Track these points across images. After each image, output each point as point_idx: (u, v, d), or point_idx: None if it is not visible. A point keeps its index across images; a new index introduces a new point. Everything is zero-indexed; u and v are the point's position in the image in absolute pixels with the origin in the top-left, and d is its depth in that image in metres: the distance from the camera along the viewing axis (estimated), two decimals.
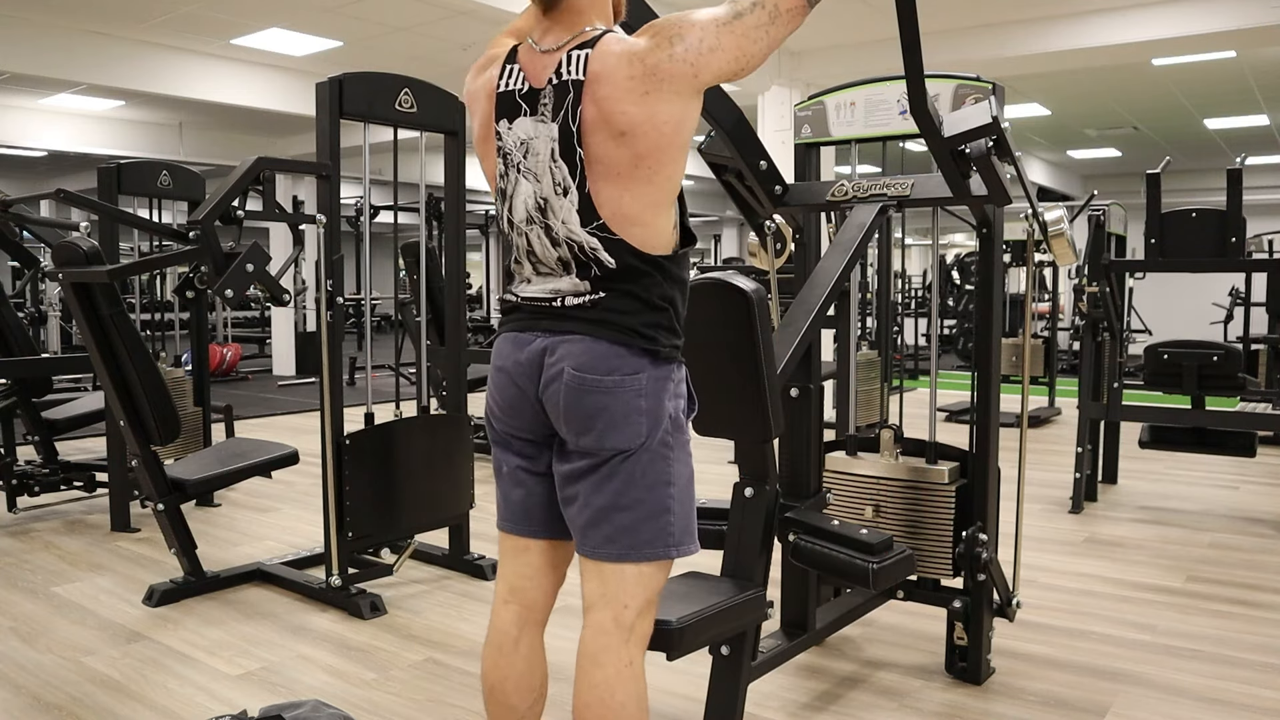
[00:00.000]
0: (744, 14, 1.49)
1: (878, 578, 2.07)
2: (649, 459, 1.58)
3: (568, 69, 1.52)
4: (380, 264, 20.96)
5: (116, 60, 7.64)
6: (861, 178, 2.51)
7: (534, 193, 1.58)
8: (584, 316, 1.57)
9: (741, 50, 1.49)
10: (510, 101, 1.59)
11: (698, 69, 1.48)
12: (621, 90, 1.48)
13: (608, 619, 1.62)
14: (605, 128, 1.50)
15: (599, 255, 1.55)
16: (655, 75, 1.47)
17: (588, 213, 1.54)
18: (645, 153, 1.50)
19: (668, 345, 1.60)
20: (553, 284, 1.60)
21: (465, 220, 3.62)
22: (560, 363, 1.57)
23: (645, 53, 1.48)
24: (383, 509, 3.21)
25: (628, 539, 1.59)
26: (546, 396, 1.60)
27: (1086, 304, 4.49)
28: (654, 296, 1.57)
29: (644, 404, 1.56)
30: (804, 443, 2.46)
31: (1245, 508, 4.64)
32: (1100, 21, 6.81)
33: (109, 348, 3.28)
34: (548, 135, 1.55)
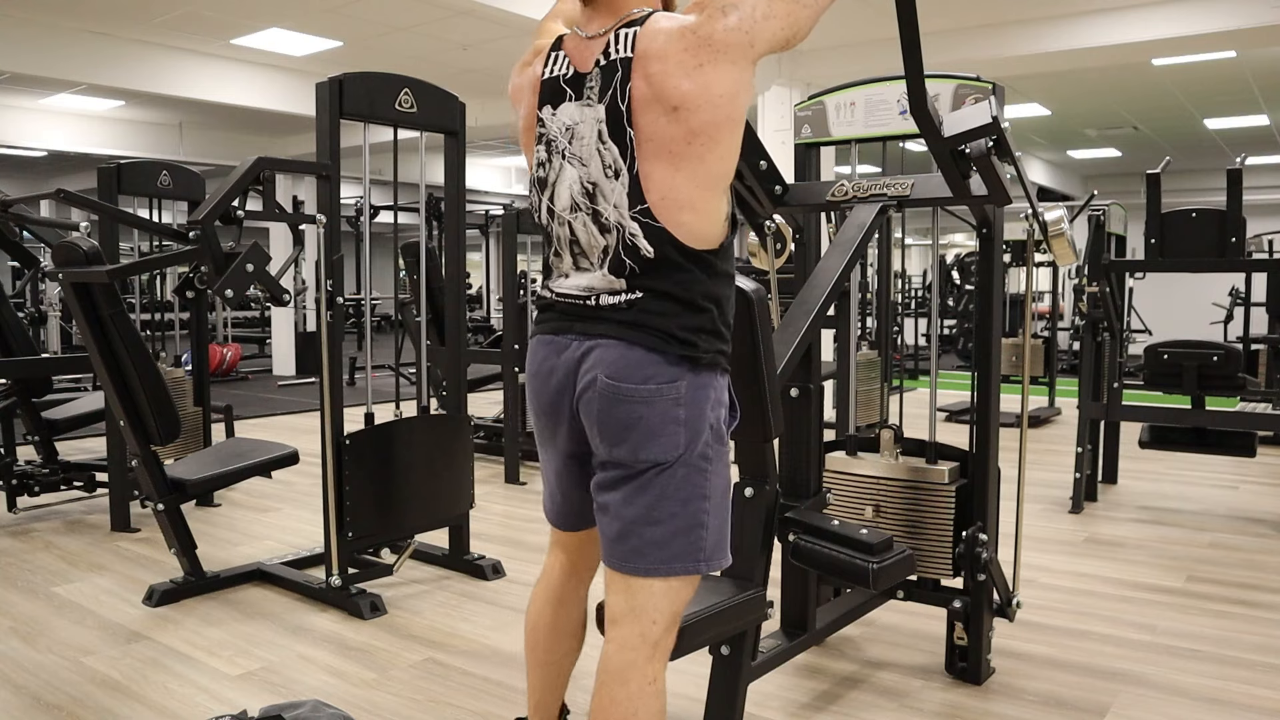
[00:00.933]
0: None
1: (878, 578, 2.07)
2: (685, 472, 1.53)
3: (616, 48, 1.49)
4: (380, 264, 20.97)
5: (116, 60, 7.64)
6: (861, 178, 2.51)
7: (580, 178, 1.54)
8: (618, 319, 1.52)
9: (794, 16, 1.47)
10: (554, 87, 1.57)
11: (753, 37, 1.44)
12: (673, 64, 1.44)
13: (634, 634, 1.57)
14: (658, 103, 1.46)
15: (637, 242, 1.50)
16: (710, 46, 1.43)
17: (635, 196, 1.49)
18: (699, 127, 1.46)
19: (709, 351, 1.54)
20: (588, 279, 1.55)
21: (465, 220, 3.62)
22: (593, 370, 1.52)
23: (698, 25, 1.45)
24: (383, 509, 3.21)
25: (657, 553, 1.54)
26: (582, 405, 1.56)
27: (1086, 304, 4.49)
28: (695, 295, 1.52)
29: (682, 414, 1.51)
30: (804, 443, 2.46)
31: (1245, 508, 4.64)
32: (1100, 21, 6.81)
33: (109, 348, 3.27)
34: (594, 118, 1.51)
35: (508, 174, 15.20)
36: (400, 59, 7.87)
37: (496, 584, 3.46)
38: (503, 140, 12.11)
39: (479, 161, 14.26)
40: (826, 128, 2.75)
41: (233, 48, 7.99)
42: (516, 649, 2.85)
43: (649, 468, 1.52)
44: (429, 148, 3.63)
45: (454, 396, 3.59)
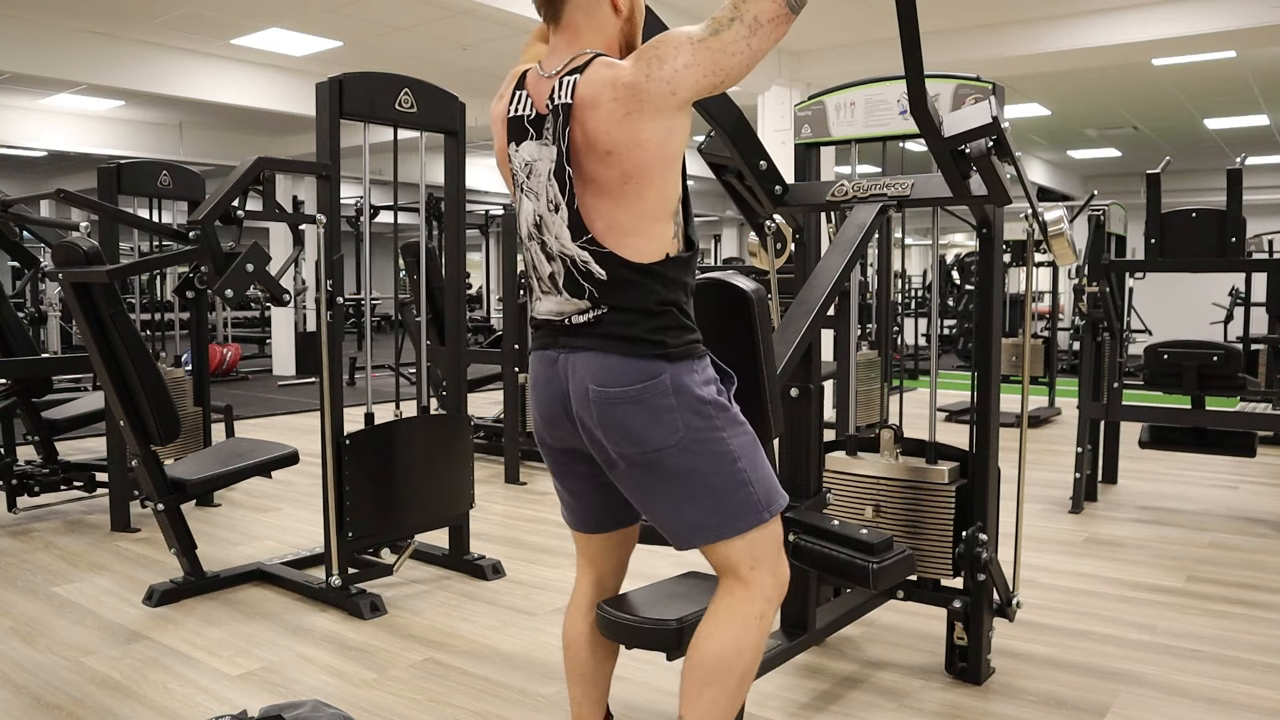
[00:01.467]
0: (721, 29, 1.53)
1: (878, 577, 2.07)
2: (699, 448, 1.62)
3: (559, 93, 1.58)
4: (380, 264, 20.96)
5: (116, 60, 7.64)
6: (861, 178, 2.51)
7: (533, 210, 1.66)
8: (593, 333, 1.64)
9: (717, 65, 1.54)
10: (519, 126, 1.66)
11: (675, 87, 1.53)
12: (604, 112, 1.54)
13: (735, 584, 1.70)
14: (592, 149, 1.56)
15: (590, 268, 1.61)
16: (635, 96, 1.53)
17: (577, 228, 1.60)
18: (632, 171, 1.56)
19: (679, 343, 1.63)
20: (555, 303, 1.67)
21: (465, 220, 3.62)
22: (583, 381, 1.64)
23: (629, 76, 1.53)
24: (383, 509, 3.21)
25: (716, 522, 1.65)
26: (582, 415, 1.66)
27: (1086, 304, 4.49)
28: (650, 304, 1.61)
29: (673, 401, 1.61)
30: (804, 443, 2.46)
31: (1245, 508, 4.64)
32: (1100, 21, 6.81)
33: (109, 348, 3.27)
34: (548, 157, 1.61)
35: None
36: (400, 59, 7.88)
37: (496, 584, 3.46)
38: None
39: (479, 161, 14.24)
40: (826, 128, 2.75)
41: (233, 48, 7.99)
42: (516, 649, 2.85)
43: (658, 453, 1.61)
44: (429, 148, 3.63)
45: (454, 396, 3.59)
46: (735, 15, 1.53)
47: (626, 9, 1.67)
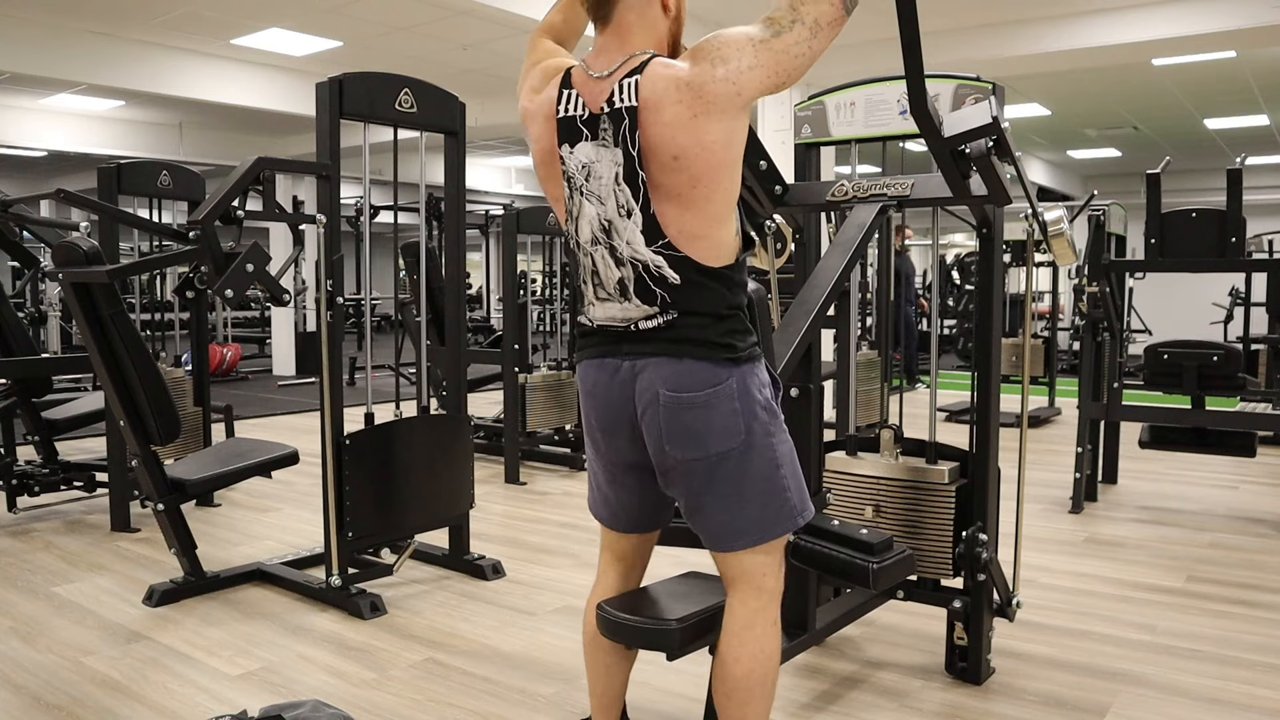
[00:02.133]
0: (783, 31, 1.54)
1: (878, 577, 2.07)
2: (754, 453, 1.67)
3: (620, 96, 1.58)
4: (380, 264, 20.97)
5: (116, 60, 7.64)
6: (861, 178, 2.51)
7: (598, 215, 1.65)
8: (663, 337, 1.65)
9: (780, 66, 1.55)
10: (571, 127, 1.65)
11: (740, 87, 1.54)
12: (669, 115, 1.54)
13: (750, 593, 1.76)
14: (657, 154, 1.57)
15: (664, 272, 1.62)
16: (701, 98, 1.53)
17: (652, 232, 1.61)
18: (699, 175, 1.57)
19: (746, 347, 1.68)
20: (619, 309, 1.68)
21: (465, 220, 3.62)
22: (652, 386, 1.66)
23: (690, 77, 1.54)
24: (383, 509, 3.21)
25: (757, 529, 1.71)
26: (646, 421, 1.68)
27: (1086, 304, 4.49)
28: (721, 308, 1.65)
29: (737, 405, 1.65)
30: (804, 443, 2.46)
31: (1245, 508, 4.64)
32: (1100, 21, 6.81)
33: (109, 348, 3.27)
34: (611, 159, 1.61)
35: (508, 174, 15.19)
36: (400, 59, 7.88)
37: (496, 584, 3.46)
38: (503, 140, 12.11)
39: (479, 161, 14.26)
40: (826, 128, 2.75)
41: (233, 48, 7.98)
42: (516, 649, 2.85)
43: (720, 459, 1.66)
44: (429, 148, 3.63)
45: (454, 396, 3.59)
46: (796, 17, 1.53)
47: (675, 7, 1.68)
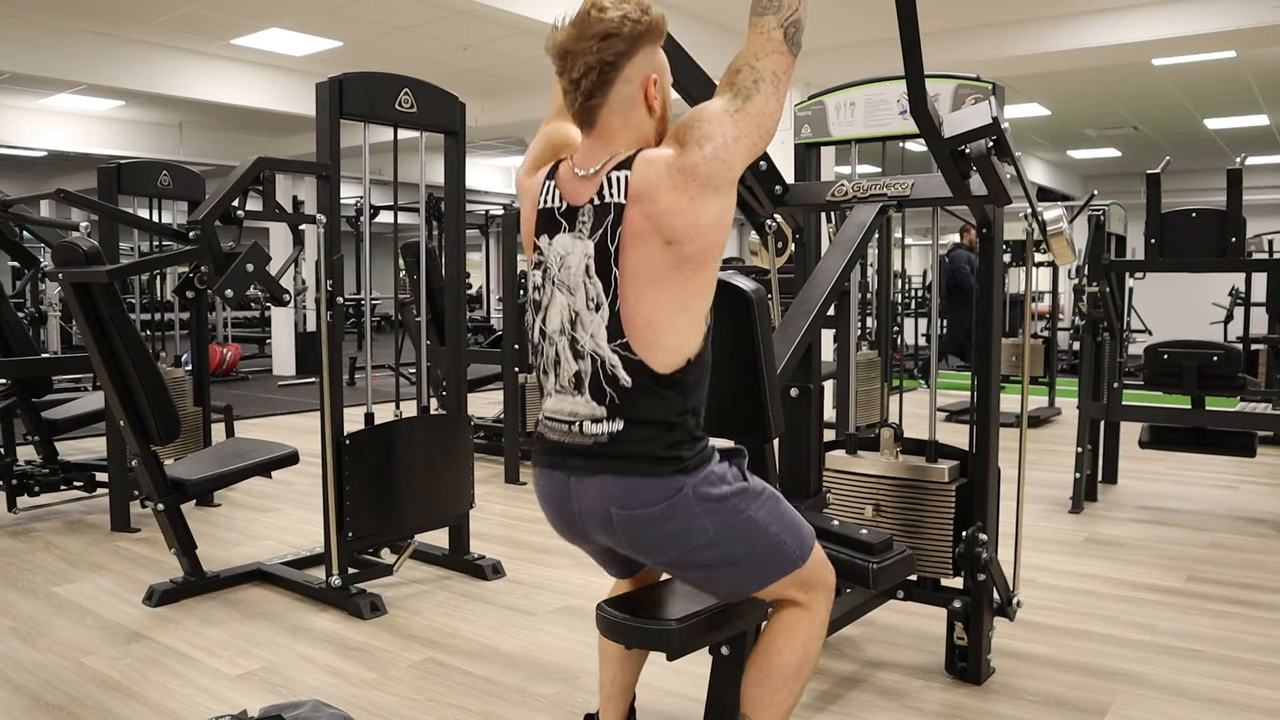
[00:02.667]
0: (752, 94, 1.58)
1: (878, 577, 2.06)
2: (733, 532, 1.67)
3: (609, 191, 1.60)
4: (380, 264, 20.97)
5: (116, 60, 7.64)
6: (861, 178, 2.51)
7: (568, 305, 1.65)
8: (607, 453, 1.63)
9: (761, 128, 1.59)
10: (550, 218, 1.67)
11: (729, 162, 1.57)
12: (665, 202, 1.56)
13: (790, 605, 1.81)
14: (655, 237, 1.57)
15: (617, 373, 1.61)
16: (695, 178, 1.55)
17: (615, 329, 1.60)
18: (691, 255, 1.58)
19: (693, 455, 1.65)
20: (570, 404, 1.67)
21: (465, 220, 3.62)
22: (603, 505, 1.65)
23: (681, 161, 1.56)
24: (383, 509, 3.21)
25: (756, 577, 1.73)
26: (602, 534, 1.69)
27: (1086, 304, 4.49)
28: (671, 416, 1.62)
29: (696, 509, 1.63)
30: (804, 443, 2.46)
31: (1245, 508, 4.64)
32: (1100, 21, 6.81)
33: (109, 348, 3.27)
34: (583, 251, 1.62)
35: (508, 174, 15.20)
36: (400, 59, 7.87)
37: (496, 584, 3.46)
38: (503, 140, 12.10)
39: (479, 161, 14.26)
40: (826, 128, 2.75)
41: (233, 48, 7.98)
42: (516, 649, 2.85)
43: (693, 552, 1.67)
44: (429, 148, 3.63)
45: (454, 396, 3.59)
46: (756, 76, 1.58)
47: (660, 107, 1.68)
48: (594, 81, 1.61)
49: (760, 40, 1.61)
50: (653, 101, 1.66)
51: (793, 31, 1.62)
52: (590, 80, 1.61)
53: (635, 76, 1.63)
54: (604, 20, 1.60)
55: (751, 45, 1.62)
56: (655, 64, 1.67)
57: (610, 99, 1.62)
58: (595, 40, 1.60)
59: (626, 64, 1.62)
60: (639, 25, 1.61)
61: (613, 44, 1.60)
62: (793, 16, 1.62)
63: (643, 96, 1.64)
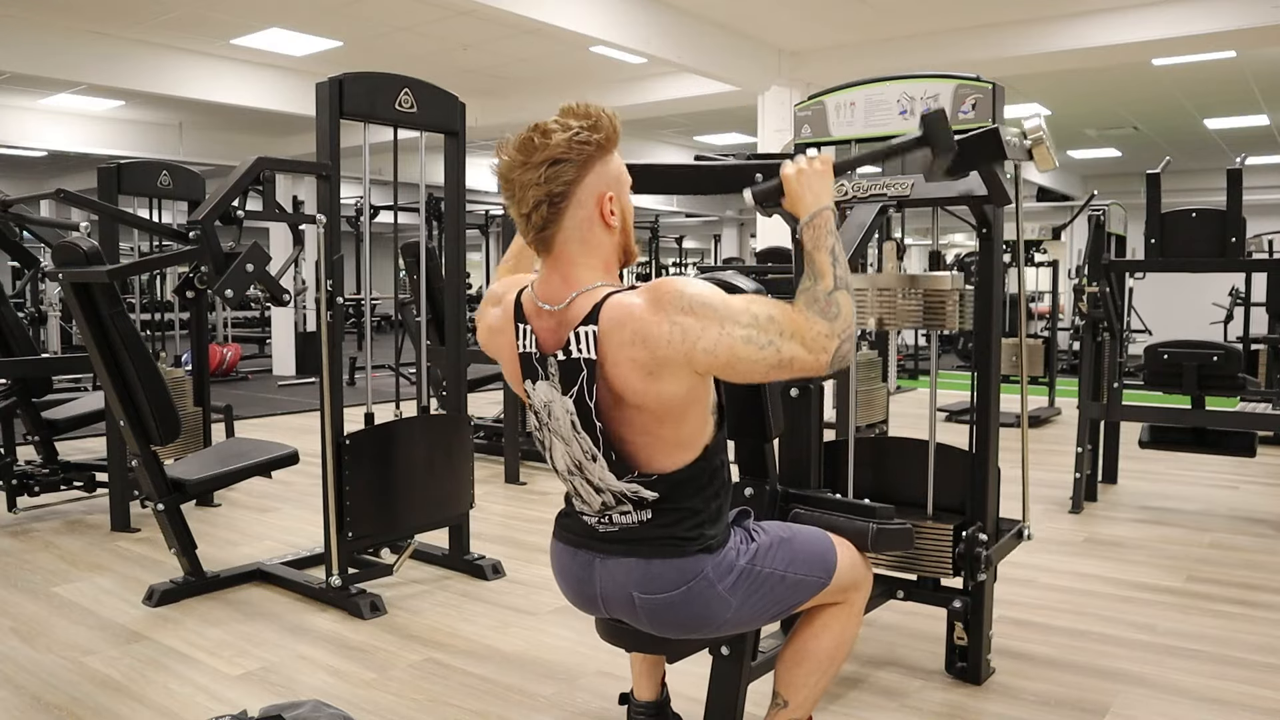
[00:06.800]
0: (753, 341, 1.47)
1: (877, 540, 2.02)
2: (755, 597, 1.68)
3: (577, 347, 1.52)
4: (380, 264, 20.96)
5: (116, 60, 7.63)
6: (861, 178, 2.51)
7: (566, 453, 1.63)
8: (635, 538, 1.63)
9: (732, 367, 1.49)
10: (529, 364, 1.62)
11: (690, 360, 1.48)
12: (625, 370, 1.50)
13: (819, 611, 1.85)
14: (625, 399, 1.53)
15: (640, 495, 1.60)
16: (654, 356, 1.48)
17: (621, 469, 1.58)
18: (665, 415, 1.54)
19: (716, 533, 1.65)
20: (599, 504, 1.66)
21: (465, 220, 3.62)
22: (624, 588, 1.65)
23: (646, 328, 1.47)
24: (383, 509, 3.21)
25: (786, 611, 1.77)
26: (622, 614, 1.70)
27: (1086, 304, 4.49)
28: (698, 500, 1.62)
29: (719, 589, 1.64)
30: (804, 443, 2.46)
31: (1245, 508, 4.64)
32: (1100, 21, 6.81)
33: (109, 348, 3.27)
34: (563, 407, 1.57)
35: None
36: (400, 59, 7.87)
37: (496, 584, 3.46)
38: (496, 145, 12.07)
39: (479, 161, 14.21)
40: (826, 128, 2.75)
41: (233, 48, 7.98)
42: (516, 649, 2.85)
43: (720, 625, 1.69)
44: (429, 148, 3.63)
45: (454, 396, 3.59)
46: (774, 342, 1.48)
47: (620, 217, 1.58)
48: (545, 215, 1.51)
49: (805, 330, 1.50)
50: (609, 219, 1.56)
51: (845, 349, 1.52)
52: (540, 214, 1.51)
53: (588, 199, 1.53)
54: (549, 145, 1.49)
55: (797, 323, 1.50)
56: (609, 178, 1.56)
57: (565, 226, 1.53)
58: (542, 168, 1.49)
59: (578, 189, 1.51)
60: (588, 146, 1.51)
61: (561, 171, 1.49)
62: (848, 331, 1.53)
63: (599, 215, 1.55)
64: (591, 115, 1.54)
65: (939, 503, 2.59)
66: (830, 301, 1.52)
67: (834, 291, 1.53)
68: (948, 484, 2.58)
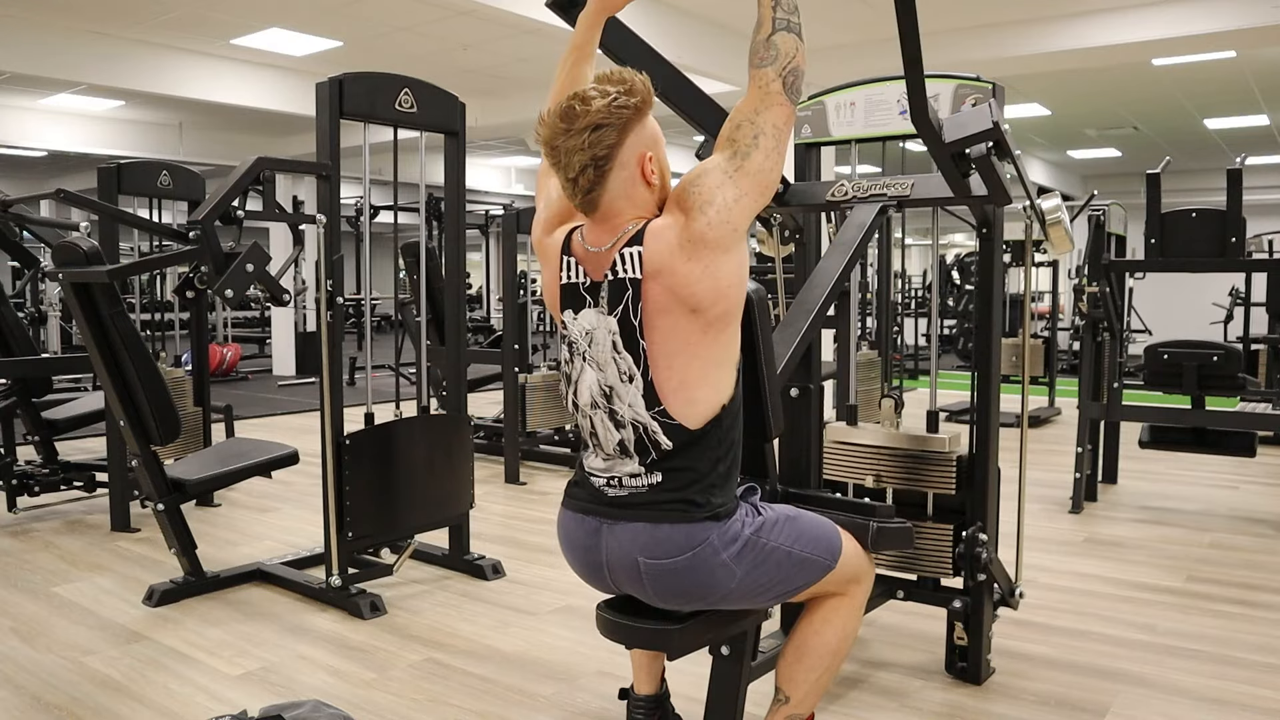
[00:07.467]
0: (751, 151, 1.57)
1: (877, 538, 2.02)
2: (759, 570, 1.70)
3: (623, 267, 1.61)
4: (380, 264, 20.97)
5: (116, 60, 7.64)
6: (861, 178, 2.51)
7: (598, 380, 1.67)
8: (642, 502, 1.66)
9: (762, 185, 1.59)
10: (574, 294, 1.68)
11: (734, 223, 1.57)
12: (681, 273, 1.56)
13: (820, 602, 1.87)
14: (679, 307, 1.58)
15: (657, 438, 1.63)
16: (705, 243, 1.56)
17: (651, 398, 1.62)
18: (715, 319, 1.59)
19: (723, 500, 1.67)
20: (610, 461, 1.69)
21: (465, 220, 3.62)
22: (630, 553, 1.67)
23: (689, 232, 1.56)
24: (383, 509, 3.21)
25: (789, 592, 1.78)
26: (626, 581, 1.71)
27: (1086, 304, 4.49)
28: (706, 464, 1.65)
29: (723, 556, 1.65)
30: (804, 443, 2.46)
31: (1245, 508, 4.64)
32: (1100, 21, 6.81)
33: (109, 348, 3.27)
34: (607, 328, 1.63)
35: (508, 174, 15.20)
36: (400, 59, 7.87)
37: (496, 584, 3.46)
38: (503, 140, 12.11)
39: (479, 161, 14.26)
40: (826, 128, 2.75)
41: (233, 48, 7.98)
42: (516, 649, 2.85)
43: (722, 597, 1.69)
44: (429, 148, 3.63)
45: (454, 396, 3.59)
46: (756, 131, 1.58)
47: (658, 179, 1.67)
48: (591, 178, 1.60)
49: (759, 94, 1.60)
50: (650, 177, 1.65)
51: (791, 79, 1.61)
52: (587, 177, 1.60)
53: (630, 160, 1.62)
54: (590, 112, 1.57)
55: (751, 99, 1.61)
56: (647, 139, 1.64)
57: (609, 187, 1.61)
58: (585, 134, 1.57)
59: (620, 151, 1.60)
60: (626, 110, 1.59)
61: (604, 135, 1.58)
62: (790, 64, 1.61)
63: (640, 174, 1.63)
64: (626, 80, 1.62)
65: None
66: (769, 46, 1.61)
67: (772, 35, 1.61)
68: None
